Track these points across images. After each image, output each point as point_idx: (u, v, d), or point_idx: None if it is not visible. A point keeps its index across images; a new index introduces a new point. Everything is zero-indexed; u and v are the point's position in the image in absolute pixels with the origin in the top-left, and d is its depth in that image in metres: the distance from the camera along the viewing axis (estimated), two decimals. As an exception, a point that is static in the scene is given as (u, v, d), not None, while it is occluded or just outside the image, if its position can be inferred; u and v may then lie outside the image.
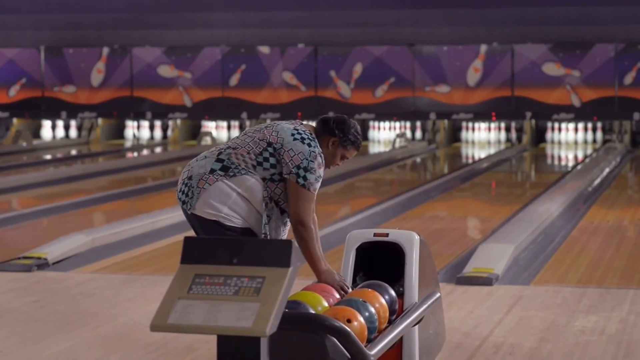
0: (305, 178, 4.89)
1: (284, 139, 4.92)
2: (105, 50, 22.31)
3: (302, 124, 5.06)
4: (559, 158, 19.81)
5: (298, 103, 21.38)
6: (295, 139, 4.92)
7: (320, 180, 4.97)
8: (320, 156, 4.96)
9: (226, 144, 5.02)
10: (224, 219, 4.88)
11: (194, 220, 4.96)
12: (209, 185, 4.90)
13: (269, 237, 5.00)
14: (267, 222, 4.99)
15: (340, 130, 5.04)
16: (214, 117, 22.34)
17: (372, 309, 4.67)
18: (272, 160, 4.92)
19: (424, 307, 5.19)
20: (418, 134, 22.07)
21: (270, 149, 4.92)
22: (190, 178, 4.95)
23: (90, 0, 22.65)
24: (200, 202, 4.91)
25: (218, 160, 4.94)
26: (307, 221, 4.98)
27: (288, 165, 4.90)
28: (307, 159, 4.90)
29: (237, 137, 5.05)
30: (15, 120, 23.22)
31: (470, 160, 19.37)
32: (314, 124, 5.16)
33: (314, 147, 4.94)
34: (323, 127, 5.06)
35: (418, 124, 21.97)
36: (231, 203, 4.90)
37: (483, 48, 20.79)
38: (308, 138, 4.95)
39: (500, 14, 21.13)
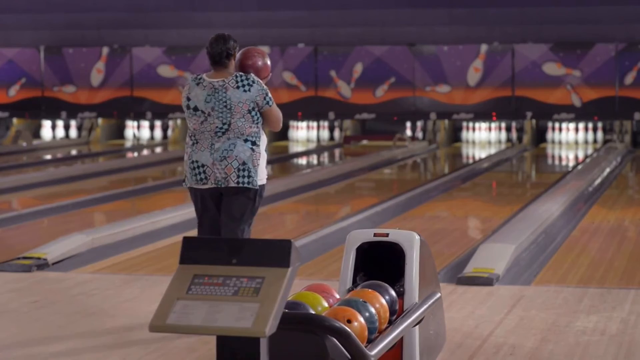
0: (270, 99, 6.14)
1: (248, 99, 6.06)
2: (105, 50, 22.31)
3: (235, 76, 6.11)
4: (560, 158, 19.80)
5: (298, 103, 21.37)
6: (245, 91, 6.06)
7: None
8: (260, 82, 6.15)
9: (225, 132, 6.07)
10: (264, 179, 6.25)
11: (247, 195, 6.12)
12: (258, 161, 6.12)
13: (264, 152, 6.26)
14: (260, 144, 6.21)
15: (233, 47, 6.15)
16: (214, 117, 22.31)
17: (373, 309, 4.65)
18: (258, 114, 6.16)
19: (425, 307, 5.18)
20: (418, 134, 22.06)
21: (253, 112, 6.09)
22: (244, 163, 6.07)
23: (90, 0, 22.64)
24: (258, 175, 6.14)
25: (246, 141, 6.07)
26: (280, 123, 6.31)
27: (261, 104, 6.13)
28: (261, 90, 6.10)
29: (222, 127, 6.08)
30: (15, 120, 23.21)
31: (470, 160, 19.36)
32: (313, 124, 5.92)
33: (252, 78, 6.10)
34: (227, 57, 6.14)
35: (419, 124, 21.97)
36: (265, 161, 6.26)
37: (483, 48, 20.78)
38: (246, 79, 6.09)
39: (501, 14, 21.12)
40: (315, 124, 21.96)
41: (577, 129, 21.33)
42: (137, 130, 23.02)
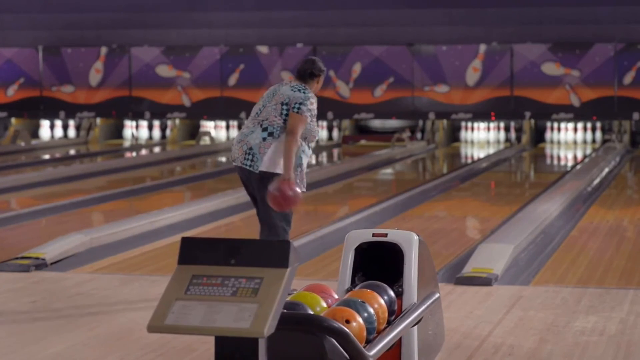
0: (299, 109, 6.89)
1: (288, 96, 6.93)
2: (104, 50, 22.30)
3: (292, 81, 7.06)
4: (559, 158, 19.80)
5: (297, 103, 21.33)
6: (293, 91, 6.96)
7: (312, 112, 6.97)
8: (313, 98, 7.01)
9: (258, 116, 6.94)
10: (280, 170, 6.80)
11: (255, 177, 6.85)
12: (266, 149, 6.85)
13: (302, 164, 6.92)
14: (300, 154, 6.91)
15: (318, 70, 7.08)
16: (212, 117, 22.33)
17: (371, 310, 4.65)
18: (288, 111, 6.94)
19: (423, 307, 5.17)
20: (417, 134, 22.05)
21: (284, 106, 6.91)
22: (251, 149, 6.88)
23: (88, 0, 22.62)
24: (264, 163, 6.83)
25: (263, 130, 6.90)
26: (296, 133, 6.85)
27: (293, 106, 6.90)
28: (302, 99, 6.92)
29: (260, 110, 6.95)
30: (13, 120, 23.21)
31: (469, 160, 19.35)
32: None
33: (307, 92, 6.98)
34: (310, 76, 7.08)
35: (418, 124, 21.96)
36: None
37: (482, 48, 20.78)
38: (303, 89, 6.99)
39: (500, 14, 21.12)
40: (313, 124, 21.94)
41: (575, 129, 21.33)
42: (135, 130, 23.01)
